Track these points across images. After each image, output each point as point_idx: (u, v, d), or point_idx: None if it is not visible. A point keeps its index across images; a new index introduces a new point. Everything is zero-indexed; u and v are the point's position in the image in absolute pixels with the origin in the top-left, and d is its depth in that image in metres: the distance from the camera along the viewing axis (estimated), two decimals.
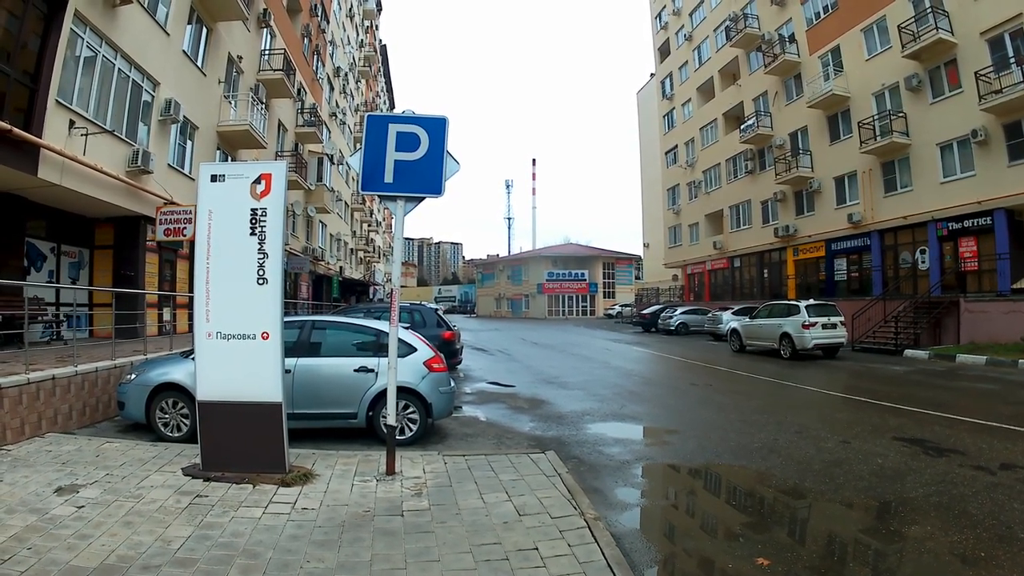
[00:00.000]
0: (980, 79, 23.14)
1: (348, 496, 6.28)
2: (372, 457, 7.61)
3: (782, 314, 22.75)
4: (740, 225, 42.75)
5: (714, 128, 45.74)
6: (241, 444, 6.78)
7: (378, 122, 7.34)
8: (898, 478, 7.20)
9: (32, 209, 15.31)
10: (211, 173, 7.04)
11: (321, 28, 38.79)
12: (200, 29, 21.28)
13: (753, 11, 39.33)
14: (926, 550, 5.23)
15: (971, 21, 23.89)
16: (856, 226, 30.79)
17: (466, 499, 6.23)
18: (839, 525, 6.11)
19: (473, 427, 10.55)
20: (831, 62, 32.38)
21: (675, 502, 7.34)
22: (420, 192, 7.24)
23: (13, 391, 8.23)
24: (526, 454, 8.00)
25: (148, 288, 18.42)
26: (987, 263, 23.91)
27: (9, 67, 12.38)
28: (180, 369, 9.01)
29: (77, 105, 14.44)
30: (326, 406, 9.05)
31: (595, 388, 14.92)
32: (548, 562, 4.79)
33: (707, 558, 5.47)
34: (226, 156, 24.17)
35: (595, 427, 10.48)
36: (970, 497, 6.45)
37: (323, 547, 5.02)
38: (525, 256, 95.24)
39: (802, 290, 34.83)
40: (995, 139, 23.25)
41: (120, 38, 15.69)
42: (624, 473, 7.78)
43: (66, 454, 7.61)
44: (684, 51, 49.87)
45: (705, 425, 10.69)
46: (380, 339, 9.28)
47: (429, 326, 15.68)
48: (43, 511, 5.59)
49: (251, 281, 6.76)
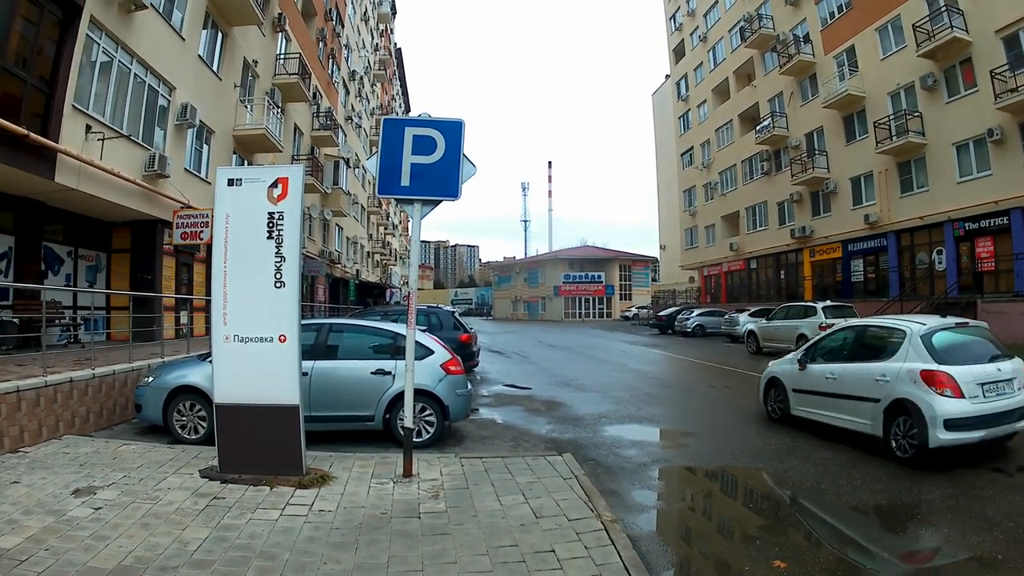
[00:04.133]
0: (996, 78, 22.96)
1: (365, 498, 6.28)
2: (389, 459, 7.62)
3: (799, 316, 22.62)
4: (756, 226, 42.61)
5: (729, 129, 45.63)
6: (258, 446, 6.80)
7: (394, 126, 7.36)
8: (916, 479, 7.14)
9: (49, 213, 15.43)
10: (228, 177, 7.06)
11: (336, 32, 38.89)
12: (215, 34, 21.41)
13: (767, 11, 39.19)
14: (943, 553, 5.19)
15: (986, 19, 23.71)
16: (872, 227, 30.60)
17: (483, 501, 6.22)
18: (855, 528, 6.07)
19: (490, 429, 10.55)
20: (846, 62, 32.22)
21: (692, 504, 7.33)
22: (436, 195, 7.24)
23: (31, 394, 8.29)
24: (543, 456, 7.98)
25: (165, 291, 18.54)
26: (1004, 263, 23.71)
27: (26, 73, 12.48)
28: (197, 372, 9.06)
29: (93, 110, 14.54)
30: (343, 409, 9.07)
31: (612, 390, 14.88)
32: (565, 564, 4.78)
33: (723, 560, 5.45)
34: (242, 160, 24.29)
35: (612, 429, 10.45)
36: (988, 500, 6.38)
37: (340, 549, 5.03)
38: (541, 258, 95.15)
39: (819, 291, 34.70)
40: (1011, 138, 23.06)
41: (136, 43, 15.79)
42: (641, 475, 7.76)
43: (83, 456, 7.66)
44: (699, 52, 49.81)
45: (722, 427, 10.64)
46: (397, 342, 9.26)
47: (446, 329, 15.70)
48: (60, 513, 5.62)
49: (268, 284, 6.78)
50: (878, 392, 8.25)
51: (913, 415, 7.67)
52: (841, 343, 9.84)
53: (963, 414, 7.44)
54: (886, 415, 8.06)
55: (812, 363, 9.95)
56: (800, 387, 10.06)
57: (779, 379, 10.71)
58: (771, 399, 10.91)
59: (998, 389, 7.75)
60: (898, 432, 7.92)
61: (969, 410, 7.49)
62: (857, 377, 8.80)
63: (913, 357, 8.00)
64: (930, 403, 7.49)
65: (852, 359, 9.25)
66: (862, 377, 8.70)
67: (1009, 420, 7.77)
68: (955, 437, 7.39)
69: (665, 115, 67.24)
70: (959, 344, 8.32)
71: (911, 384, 7.81)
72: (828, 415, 9.32)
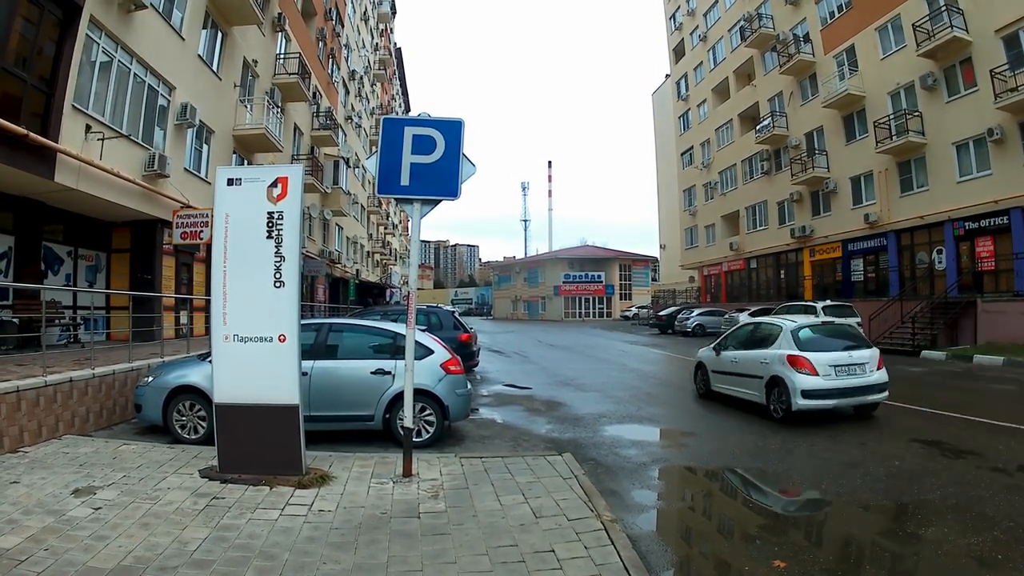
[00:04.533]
0: (995, 77, 22.92)
1: (365, 498, 6.29)
2: (389, 459, 7.63)
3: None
4: (756, 226, 42.58)
5: (729, 129, 45.60)
6: (258, 446, 6.80)
7: (394, 125, 7.36)
8: (915, 480, 7.13)
9: (49, 213, 15.43)
10: (228, 177, 7.07)
11: (336, 32, 38.88)
12: (215, 34, 21.41)
13: (767, 11, 39.13)
14: (943, 552, 5.18)
15: (986, 19, 23.67)
16: (872, 226, 30.57)
17: (483, 501, 6.22)
18: (856, 527, 6.07)
19: (490, 429, 10.56)
20: (846, 61, 32.17)
21: (692, 504, 7.33)
22: (436, 195, 7.25)
23: (31, 394, 8.30)
24: (543, 456, 7.99)
25: (165, 291, 18.54)
26: (1004, 263, 23.67)
27: (26, 72, 12.48)
28: (197, 372, 9.06)
29: (93, 110, 14.54)
30: (343, 408, 9.08)
31: (612, 390, 14.90)
32: (565, 564, 4.78)
33: (723, 560, 5.45)
34: (242, 160, 24.30)
35: (612, 429, 10.47)
36: (987, 499, 6.38)
37: (340, 549, 5.03)
38: (541, 258, 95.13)
39: (819, 291, 34.71)
40: (1011, 138, 23.01)
41: (135, 43, 15.79)
42: (641, 475, 7.77)
43: (83, 456, 7.67)
44: (699, 52, 49.77)
45: (722, 427, 10.65)
46: (397, 342, 9.26)
47: (446, 328, 15.71)
48: (60, 512, 5.63)
49: (268, 284, 6.79)
50: (762, 371, 11.26)
51: (782, 387, 10.60)
52: (741, 335, 13.04)
53: (817, 387, 10.33)
54: (767, 387, 11.06)
55: (724, 351, 13.03)
56: (716, 369, 13.18)
57: (703, 363, 13.87)
58: (698, 379, 14.13)
59: (849, 371, 10.62)
60: (773, 399, 10.87)
61: (822, 385, 10.36)
62: (749, 360, 11.90)
63: (784, 346, 10.96)
64: (792, 379, 10.40)
65: (747, 347, 12.30)
66: (753, 360, 11.75)
67: (858, 394, 10.65)
68: (811, 404, 10.31)
69: (665, 115, 67.21)
70: (819, 338, 11.26)
71: (781, 365, 10.72)
72: (734, 389, 12.42)
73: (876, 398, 10.80)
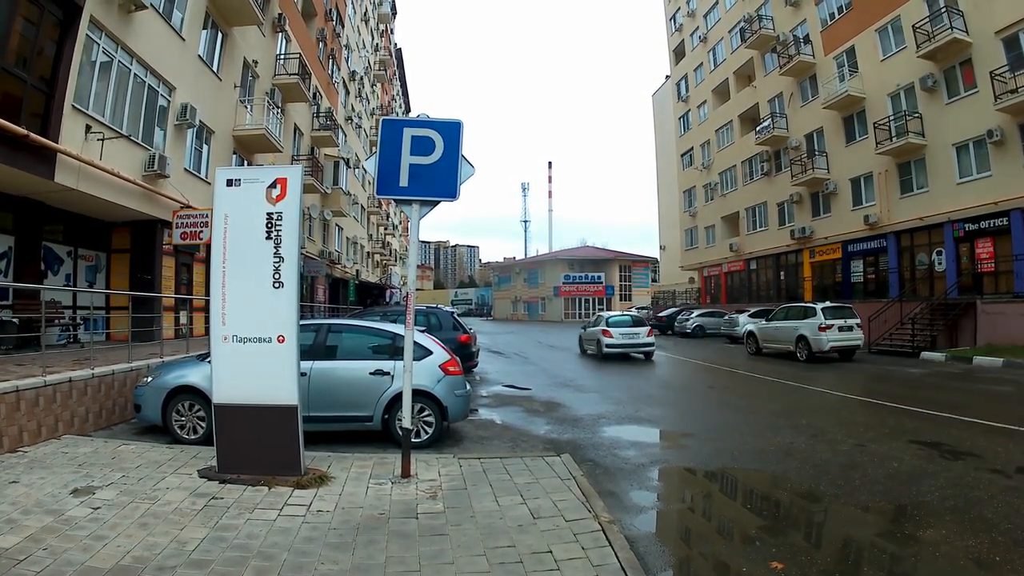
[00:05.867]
0: (995, 79, 22.93)
1: (363, 498, 6.29)
2: (387, 460, 7.62)
3: (798, 316, 22.62)
4: (756, 227, 42.58)
5: (730, 130, 45.60)
6: (257, 446, 6.81)
7: (393, 126, 7.35)
8: (913, 481, 7.13)
9: (49, 213, 15.45)
10: (227, 177, 7.06)
11: (336, 32, 38.90)
12: (215, 34, 21.43)
13: (768, 12, 39.15)
14: (941, 554, 5.18)
15: (986, 20, 23.68)
16: (872, 227, 30.58)
17: (481, 502, 6.22)
18: (854, 528, 6.07)
19: (488, 430, 10.56)
20: (846, 63, 32.18)
21: (690, 505, 7.32)
22: (435, 196, 7.25)
23: (30, 394, 8.30)
24: (541, 457, 7.98)
25: (165, 291, 18.55)
26: (1004, 264, 23.67)
27: (26, 73, 12.49)
28: (196, 372, 9.07)
29: (93, 110, 14.56)
30: (342, 409, 9.08)
31: (611, 391, 14.91)
32: (562, 565, 4.78)
33: (722, 561, 5.44)
34: (242, 160, 24.31)
35: (611, 430, 10.46)
36: (986, 501, 6.38)
37: (338, 549, 5.03)
38: (541, 259, 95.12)
39: (819, 292, 34.71)
40: (1011, 139, 23.02)
41: (136, 43, 15.80)
42: (639, 476, 7.77)
43: (82, 456, 7.67)
44: (699, 53, 49.76)
45: (721, 428, 10.64)
46: (396, 342, 9.27)
47: (445, 329, 15.73)
48: (59, 512, 5.63)
49: (267, 285, 6.79)
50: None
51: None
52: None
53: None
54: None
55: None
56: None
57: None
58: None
59: (629, 336, 23.21)
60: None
61: (617, 342, 22.82)
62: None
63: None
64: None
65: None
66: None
67: (634, 348, 23.20)
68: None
69: (665, 116, 67.14)
70: (619, 320, 24.16)
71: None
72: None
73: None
